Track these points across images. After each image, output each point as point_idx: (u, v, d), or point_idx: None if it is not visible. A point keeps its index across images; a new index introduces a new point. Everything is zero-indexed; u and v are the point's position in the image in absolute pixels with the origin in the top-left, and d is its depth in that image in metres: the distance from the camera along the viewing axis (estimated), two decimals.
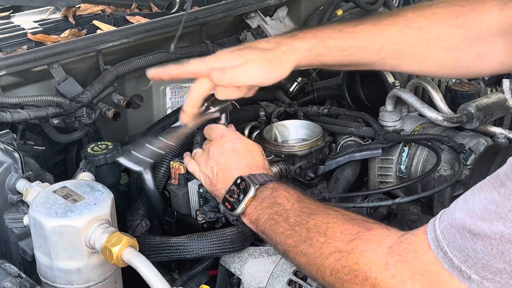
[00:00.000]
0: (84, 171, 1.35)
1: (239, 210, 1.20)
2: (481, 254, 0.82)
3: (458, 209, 0.87)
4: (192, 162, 1.37)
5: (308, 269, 1.05)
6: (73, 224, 1.06)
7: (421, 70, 1.40)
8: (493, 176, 0.84)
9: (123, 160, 1.29)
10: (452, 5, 1.28)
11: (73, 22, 1.87)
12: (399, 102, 1.62)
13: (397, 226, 1.02)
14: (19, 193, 1.28)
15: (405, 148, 1.56)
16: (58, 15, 1.93)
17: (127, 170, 1.68)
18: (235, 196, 1.21)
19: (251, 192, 1.19)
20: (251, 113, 1.73)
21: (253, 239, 1.27)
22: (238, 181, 1.22)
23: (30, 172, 1.32)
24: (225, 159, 1.28)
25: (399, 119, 1.61)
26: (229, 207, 1.22)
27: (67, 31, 1.77)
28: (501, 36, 1.24)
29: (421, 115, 1.59)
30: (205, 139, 1.55)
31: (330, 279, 1.00)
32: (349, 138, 1.62)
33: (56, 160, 1.76)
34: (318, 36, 1.26)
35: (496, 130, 1.56)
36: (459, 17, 1.26)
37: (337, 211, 1.07)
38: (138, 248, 1.08)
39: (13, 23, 1.89)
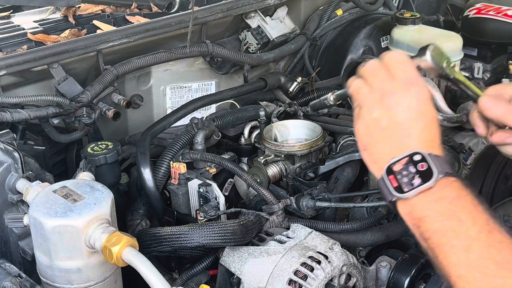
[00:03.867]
0: (84, 171, 1.35)
1: (407, 195, 0.92)
2: None
3: None
4: (358, 84, 1.02)
5: None
6: (73, 224, 1.06)
7: None
8: None
9: None
10: None
11: (73, 22, 1.87)
12: None
13: None
14: (19, 192, 1.28)
15: None
16: (58, 15, 1.94)
17: (127, 170, 1.69)
18: (408, 175, 0.93)
19: (431, 181, 0.91)
20: (251, 113, 1.73)
21: (254, 233, 1.28)
22: (417, 157, 0.93)
23: (30, 172, 1.32)
24: (402, 117, 0.96)
25: None
26: (395, 185, 0.93)
27: (67, 31, 1.77)
28: None
29: None
30: (205, 139, 1.56)
31: None
32: (349, 138, 1.62)
33: (56, 160, 1.76)
34: None
35: None
36: None
37: None
38: (138, 248, 1.08)
39: (13, 23, 1.89)
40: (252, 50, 1.97)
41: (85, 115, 1.59)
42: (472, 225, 0.88)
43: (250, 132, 1.68)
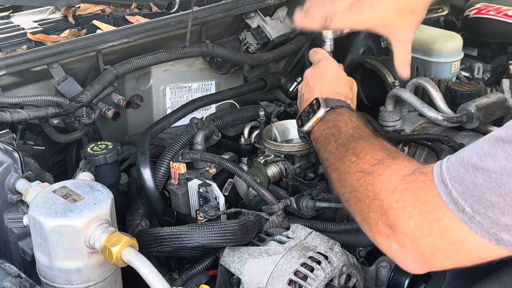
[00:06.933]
0: (83, 171, 1.35)
1: (305, 127, 1.31)
2: (479, 187, 0.85)
3: (468, 148, 0.91)
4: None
5: (336, 185, 1.13)
6: (72, 224, 1.06)
7: None
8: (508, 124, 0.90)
9: None
10: None
11: (73, 22, 1.87)
12: (399, 102, 1.62)
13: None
14: (19, 193, 1.28)
15: (405, 148, 1.56)
16: (58, 15, 1.93)
17: (127, 170, 1.69)
18: (308, 115, 1.32)
19: (320, 113, 1.29)
20: (251, 113, 1.73)
21: (254, 233, 1.27)
22: (314, 101, 1.33)
23: (29, 172, 1.32)
24: (313, 82, 1.40)
25: (399, 119, 1.61)
26: (300, 123, 1.35)
27: (67, 31, 1.77)
28: None
29: (421, 115, 1.59)
30: (204, 139, 1.56)
31: (348, 196, 1.08)
32: None
33: (56, 160, 1.76)
34: None
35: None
36: None
37: (380, 142, 1.14)
38: (137, 248, 1.08)
39: (13, 23, 1.89)
40: (252, 50, 1.97)
41: (84, 115, 1.59)
42: (344, 126, 1.22)
43: (250, 132, 1.68)
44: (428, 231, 0.91)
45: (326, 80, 1.39)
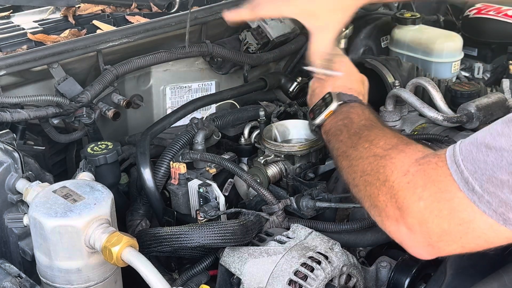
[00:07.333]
0: (84, 171, 1.35)
1: (318, 120, 1.33)
2: (490, 165, 0.85)
3: (481, 131, 0.92)
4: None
5: (345, 172, 1.14)
6: (73, 224, 1.06)
7: None
8: None
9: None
10: None
11: (73, 22, 1.87)
12: (399, 102, 1.62)
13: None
14: (19, 193, 1.28)
15: None
16: (58, 15, 1.94)
17: (127, 170, 1.69)
18: (320, 109, 1.34)
19: (333, 106, 1.31)
20: (251, 113, 1.73)
21: (254, 233, 1.28)
22: (326, 96, 1.35)
23: (30, 172, 1.32)
24: (326, 80, 1.41)
25: (399, 119, 1.61)
26: (312, 116, 1.36)
27: (67, 31, 1.77)
28: None
29: (421, 115, 1.59)
30: (204, 139, 1.56)
31: (358, 181, 1.08)
32: None
33: (56, 160, 1.76)
34: None
35: None
36: None
37: (393, 131, 1.16)
38: (138, 248, 1.08)
39: (13, 23, 1.89)
40: (252, 50, 1.97)
41: (85, 115, 1.59)
42: (356, 118, 1.23)
43: (250, 132, 1.68)
44: (437, 212, 0.91)
45: (339, 75, 1.41)
